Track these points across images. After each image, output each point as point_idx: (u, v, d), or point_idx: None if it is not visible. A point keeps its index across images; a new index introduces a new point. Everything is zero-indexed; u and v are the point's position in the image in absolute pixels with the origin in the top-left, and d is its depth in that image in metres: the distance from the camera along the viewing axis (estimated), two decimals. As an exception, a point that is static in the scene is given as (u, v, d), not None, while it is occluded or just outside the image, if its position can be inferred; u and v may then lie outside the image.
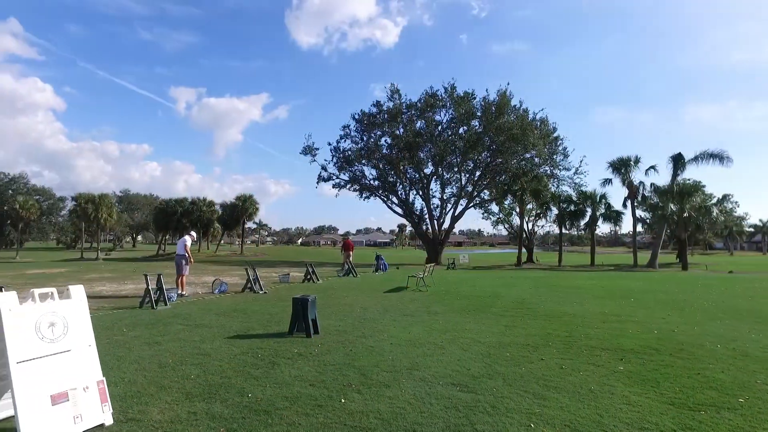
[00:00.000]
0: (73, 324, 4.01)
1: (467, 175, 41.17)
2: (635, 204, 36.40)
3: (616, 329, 8.37)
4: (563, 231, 43.72)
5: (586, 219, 40.96)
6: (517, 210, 43.47)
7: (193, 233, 15.23)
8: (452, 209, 41.33)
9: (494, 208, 48.40)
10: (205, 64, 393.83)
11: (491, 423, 4.03)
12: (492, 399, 4.63)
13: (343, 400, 4.54)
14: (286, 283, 17.14)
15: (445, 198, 41.95)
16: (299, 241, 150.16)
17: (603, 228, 42.37)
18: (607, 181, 37.72)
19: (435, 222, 41.00)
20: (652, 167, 35.05)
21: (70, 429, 3.65)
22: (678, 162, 34.00)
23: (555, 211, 43.15)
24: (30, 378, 3.54)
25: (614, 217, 39.35)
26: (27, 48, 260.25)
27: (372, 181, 42.11)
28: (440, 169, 40.37)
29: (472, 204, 42.05)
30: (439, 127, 39.18)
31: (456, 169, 40.88)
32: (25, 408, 3.43)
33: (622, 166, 35.84)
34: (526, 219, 44.84)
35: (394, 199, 42.26)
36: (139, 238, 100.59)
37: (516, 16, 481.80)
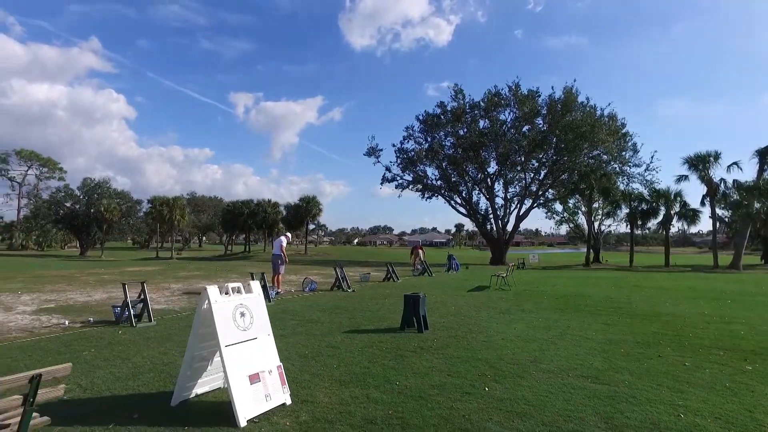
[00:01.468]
0: (256, 315, 4.59)
1: (531, 174, 40.61)
2: (714, 202, 34.54)
3: (725, 330, 8.25)
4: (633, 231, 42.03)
5: (659, 218, 39.15)
6: (583, 209, 42.32)
7: (288, 234, 15.89)
8: (516, 209, 40.94)
9: (558, 207, 47.47)
10: (262, 69, 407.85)
11: (639, 411, 4.24)
12: (628, 390, 4.83)
13: (486, 389, 4.88)
14: (366, 282, 17.72)
15: (508, 197, 41.62)
16: (355, 241, 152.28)
17: (674, 227, 40.46)
18: (683, 178, 35.87)
19: (499, 222, 40.69)
20: (735, 163, 33.05)
21: (263, 405, 4.20)
22: (764, 156, 31.99)
23: (624, 209, 41.59)
24: (235, 360, 4.13)
25: (691, 216, 37.35)
26: (104, 63, 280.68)
27: (435, 181, 42.38)
28: (504, 168, 40.03)
29: (536, 203, 41.41)
30: (504, 127, 38.86)
31: (519, 168, 40.41)
32: (235, 384, 4.01)
33: (699, 163, 33.98)
34: (593, 218, 43.54)
35: (457, 199, 42.35)
36: (204, 238, 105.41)
37: (573, 8, 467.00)
